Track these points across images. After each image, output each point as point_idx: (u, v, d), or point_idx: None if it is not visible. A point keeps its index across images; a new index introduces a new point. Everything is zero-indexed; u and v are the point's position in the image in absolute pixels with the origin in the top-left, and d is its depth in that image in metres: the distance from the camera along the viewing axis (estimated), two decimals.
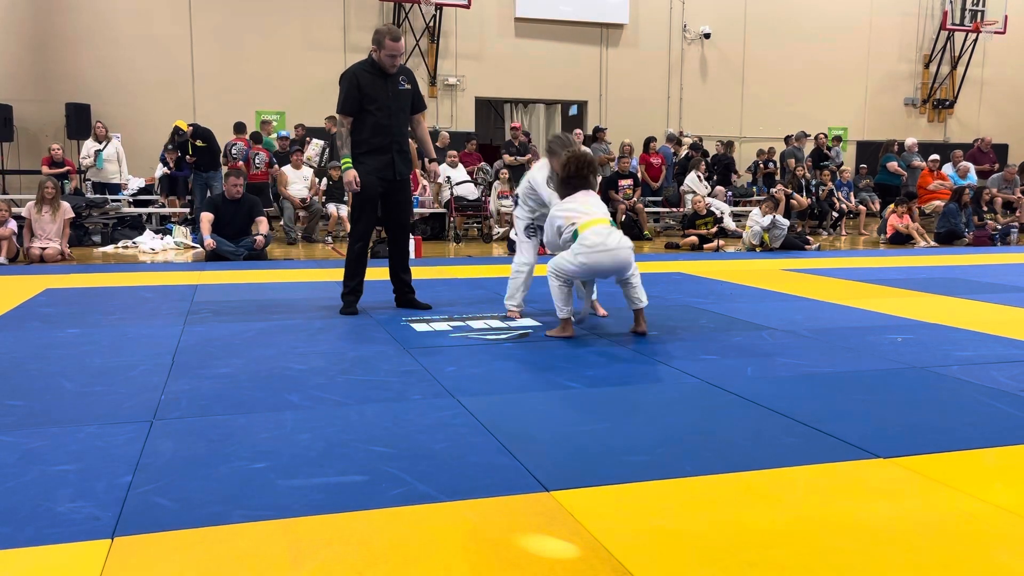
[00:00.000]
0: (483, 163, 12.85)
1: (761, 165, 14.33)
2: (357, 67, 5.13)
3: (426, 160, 5.54)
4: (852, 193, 13.64)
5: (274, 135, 12.88)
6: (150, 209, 11.71)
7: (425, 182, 11.85)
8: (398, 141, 5.16)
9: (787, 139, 14.60)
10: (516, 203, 4.80)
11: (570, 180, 4.47)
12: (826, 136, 14.89)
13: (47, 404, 3.13)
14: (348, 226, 6.54)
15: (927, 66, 17.98)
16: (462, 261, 8.88)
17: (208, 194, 10.63)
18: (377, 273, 5.74)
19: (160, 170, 12.15)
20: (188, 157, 11.13)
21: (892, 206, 11.80)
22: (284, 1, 14.37)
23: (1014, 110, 18.32)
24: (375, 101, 5.03)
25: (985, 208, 12.20)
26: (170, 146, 11.82)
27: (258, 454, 2.57)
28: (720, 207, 12.16)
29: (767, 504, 2.23)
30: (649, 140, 13.89)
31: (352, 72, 5.10)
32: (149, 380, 3.49)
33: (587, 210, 4.40)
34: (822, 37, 16.91)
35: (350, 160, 5.04)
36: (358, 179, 4.99)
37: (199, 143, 11.23)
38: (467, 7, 14.76)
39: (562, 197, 4.54)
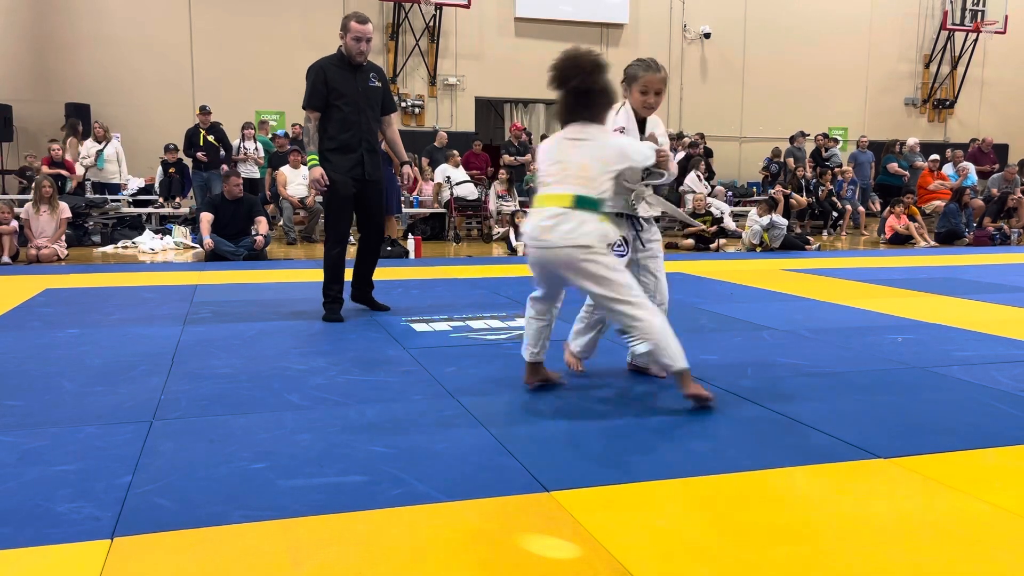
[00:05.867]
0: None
1: (789, 166, 14.00)
2: (324, 60, 4.91)
3: (398, 164, 5.25)
4: (846, 191, 13.57)
5: (272, 135, 12.89)
6: (150, 209, 11.72)
7: (425, 181, 11.86)
8: (367, 139, 4.93)
9: (792, 139, 14.58)
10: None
11: None
12: (825, 136, 14.89)
13: (47, 404, 3.13)
14: None
15: (927, 66, 17.98)
16: (462, 261, 8.88)
17: (207, 194, 10.65)
18: (377, 273, 5.72)
19: (160, 174, 12.18)
20: (200, 154, 11.14)
21: (890, 207, 11.82)
22: (284, 1, 14.37)
23: (1014, 110, 18.31)
24: (343, 96, 4.81)
25: (1002, 215, 12.14)
26: (171, 145, 11.84)
27: (258, 454, 2.57)
28: (720, 207, 12.16)
29: (767, 504, 2.22)
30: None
31: (319, 65, 4.87)
32: (149, 380, 3.49)
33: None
34: (822, 37, 16.91)
35: (316, 157, 4.81)
36: (325, 176, 4.78)
37: (211, 139, 11.25)
38: (467, 7, 14.76)
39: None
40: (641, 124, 3.48)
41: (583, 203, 2.97)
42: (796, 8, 16.84)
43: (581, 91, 3.02)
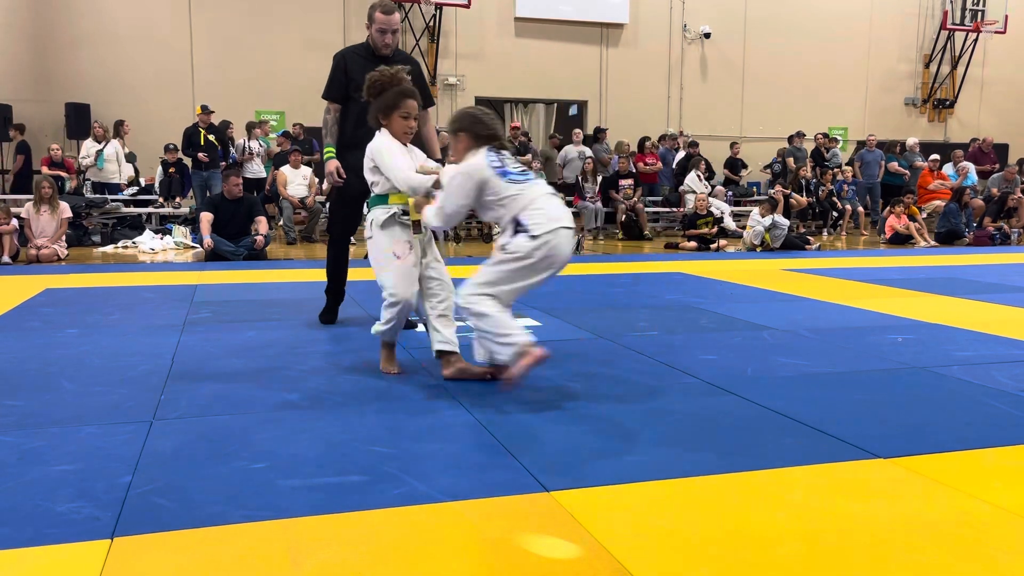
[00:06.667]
0: None
1: (789, 166, 13.99)
2: (349, 49, 4.71)
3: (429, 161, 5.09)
4: (847, 192, 13.55)
5: (273, 135, 12.90)
6: (150, 209, 11.72)
7: None
8: None
9: (790, 139, 14.60)
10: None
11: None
12: (825, 136, 14.90)
13: (47, 404, 3.13)
14: None
15: (927, 66, 17.98)
16: (462, 261, 8.87)
17: (207, 193, 10.67)
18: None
19: (160, 174, 12.20)
20: (201, 155, 11.17)
21: (890, 207, 11.82)
22: (284, 1, 14.37)
23: (1014, 110, 18.30)
24: (360, 88, 4.45)
25: (1002, 214, 12.12)
26: (171, 145, 11.85)
27: (258, 454, 2.56)
28: (720, 207, 12.17)
29: (767, 504, 2.22)
30: (643, 140, 13.94)
31: (341, 54, 4.67)
32: (149, 380, 3.49)
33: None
34: (822, 37, 16.90)
35: (333, 150, 4.59)
36: (341, 170, 4.54)
37: (212, 138, 11.28)
38: (467, 7, 14.76)
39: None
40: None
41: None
42: (796, 8, 16.83)
43: None
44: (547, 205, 3.26)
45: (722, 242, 10.80)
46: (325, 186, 10.49)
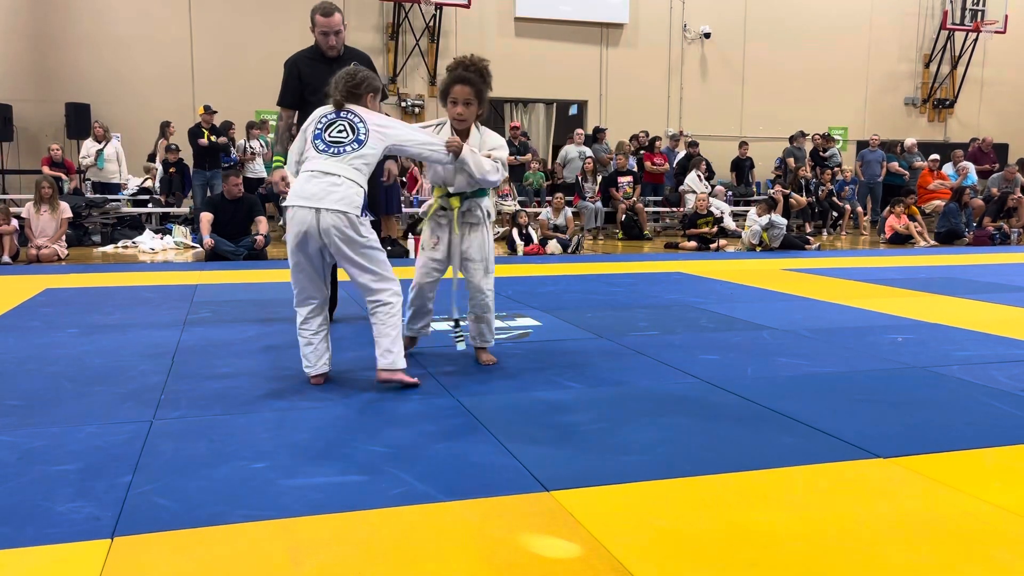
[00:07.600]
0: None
1: (789, 166, 14.09)
2: (299, 54, 4.68)
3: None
4: (847, 192, 13.56)
5: (272, 135, 12.90)
6: (150, 209, 11.73)
7: (425, 180, 11.86)
8: None
9: (791, 139, 14.62)
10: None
11: None
12: (823, 136, 14.90)
13: (47, 404, 3.13)
14: None
15: (927, 66, 17.98)
16: None
17: (208, 193, 10.68)
18: None
19: (160, 173, 12.22)
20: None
21: (890, 207, 11.83)
22: (284, 1, 14.36)
23: (1014, 110, 18.30)
24: (316, 91, 4.34)
25: (1002, 214, 12.11)
26: (172, 146, 11.85)
27: (258, 454, 2.57)
28: (720, 207, 12.17)
29: (767, 504, 2.22)
30: (654, 140, 13.96)
31: (292, 59, 4.64)
32: (149, 380, 3.49)
33: None
34: (822, 37, 16.91)
35: (282, 159, 4.40)
36: (287, 179, 4.29)
37: (214, 138, 11.34)
38: (467, 7, 14.76)
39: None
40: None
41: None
42: (796, 8, 16.84)
43: None
44: (306, 181, 3.28)
45: (722, 242, 10.80)
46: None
